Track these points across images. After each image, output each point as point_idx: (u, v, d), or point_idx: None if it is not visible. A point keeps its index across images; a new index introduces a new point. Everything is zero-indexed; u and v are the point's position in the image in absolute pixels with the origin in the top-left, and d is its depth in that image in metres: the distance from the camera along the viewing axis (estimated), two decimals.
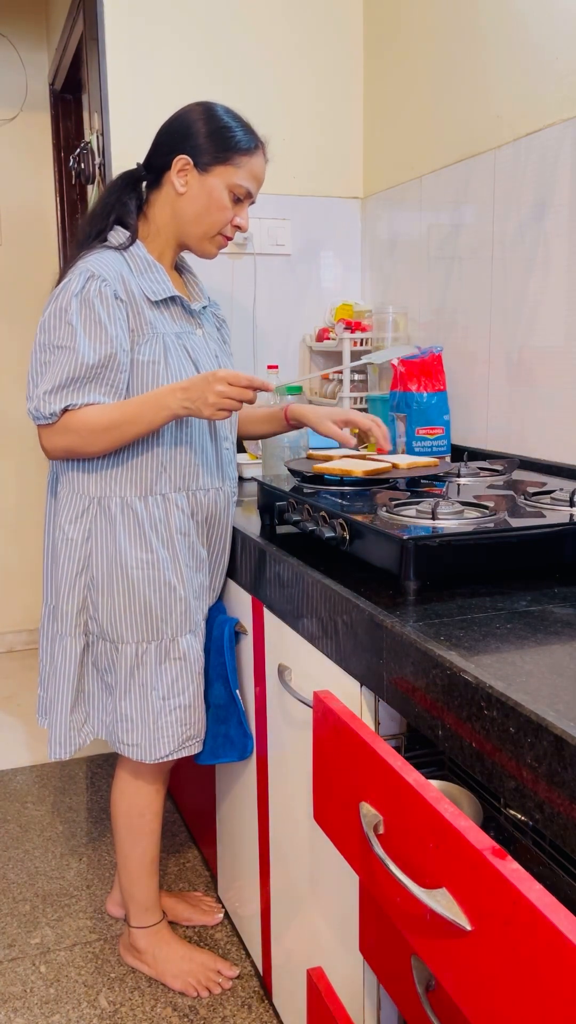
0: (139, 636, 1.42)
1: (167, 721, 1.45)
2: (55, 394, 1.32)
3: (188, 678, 1.46)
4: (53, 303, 1.35)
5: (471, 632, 0.87)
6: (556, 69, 1.51)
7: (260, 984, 1.62)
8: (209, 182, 1.41)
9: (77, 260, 1.38)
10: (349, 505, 1.19)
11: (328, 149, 2.25)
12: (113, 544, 1.40)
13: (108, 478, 1.40)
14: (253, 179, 1.44)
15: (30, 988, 1.62)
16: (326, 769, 0.95)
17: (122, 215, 1.44)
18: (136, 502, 1.40)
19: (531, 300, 1.63)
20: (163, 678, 1.44)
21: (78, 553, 1.41)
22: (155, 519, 1.41)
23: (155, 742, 1.45)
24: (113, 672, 1.44)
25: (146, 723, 1.44)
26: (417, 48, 1.97)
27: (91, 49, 2.18)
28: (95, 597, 1.42)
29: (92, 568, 1.41)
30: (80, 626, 1.44)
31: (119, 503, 1.40)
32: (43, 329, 1.34)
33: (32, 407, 1.34)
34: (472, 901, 0.66)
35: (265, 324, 2.26)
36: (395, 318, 2.07)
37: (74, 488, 1.41)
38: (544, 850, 0.98)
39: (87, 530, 1.41)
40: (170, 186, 1.43)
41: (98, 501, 1.40)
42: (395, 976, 0.95)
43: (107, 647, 1.44)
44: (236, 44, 2.12)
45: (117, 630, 1.42)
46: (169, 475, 1.42)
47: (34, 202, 3.25)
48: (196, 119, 1.41)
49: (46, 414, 1.33)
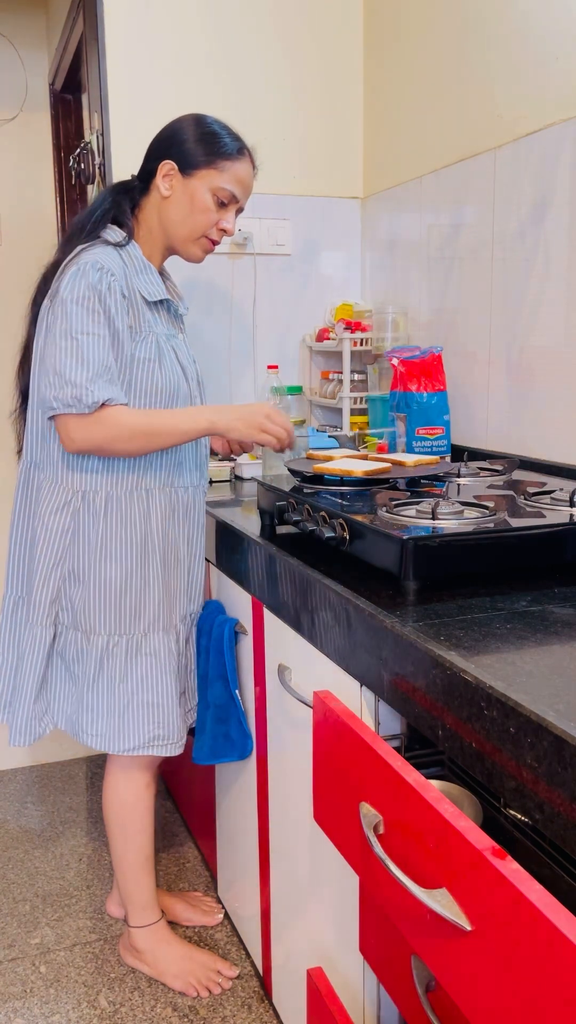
0: (111, 629, 1.44)
1: (134, 715, 1.46)
2: (95, 383, 1.31)
3: (158, 675, 1.47)
4: (70, 290, 1.33)
5: (471, 632, 0.87)
6: (557, 69, 1.51)
7: (260, 984, 1.62)
8: (192, 185, 1.44)
9: (81, 253, 1.37)
10: (349, 505, 1.19)
11: (328, 149, 2.25)
12: (95, 537, 1.41)
13: (95, 472, 1.41)
14: (237, 183, 1.46)
15: (30, 988, 1.62)
16: (326, 769, 0.95)
17: (117, 215, 1.46)
18: (121, 497, 1.42)
19: (531, 300, 1.63)
20: (132, 673, 1.46)
21: (57, 544, 1.43)
22: (139, 514, 1.43)
23: (120, 733, 1.46)
24: (81, 663, 1.46)
25: (112, 713, 1.46)
26: (417, 48, 1.97)
27: (91, 49, 2.18)
28: (71, 588, 1.43)
29: (70, 559, 1.43)
30: (51, 616, 1.46)
31: (104, 497, 1.41)
32: (65, 316, 1.32)
33: (70, 395, 1.30)
34: (472, 901, 0.66)
35: (265, 324, 2.26)
36: (395, 318, 2.07)
37: (58, 480, 1.42)
38: (544, 850, 0.98)
39: (67, 522, 1.42)
40: (156, 191, 1.46)
41: (82, 495, 1.41)
42: (395, 976, 0.95)
43: (77, 637, 1.45)
44: (236, 44, 2.12)
45: (89, 621, 1.43)
46: (154, 471, 1.44)
47: (34, 202, 3.25)
48: (182, 127, 1.46)
49: (87, 403, 1.30)
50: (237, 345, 2.23)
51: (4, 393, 3.19)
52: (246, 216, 2.13)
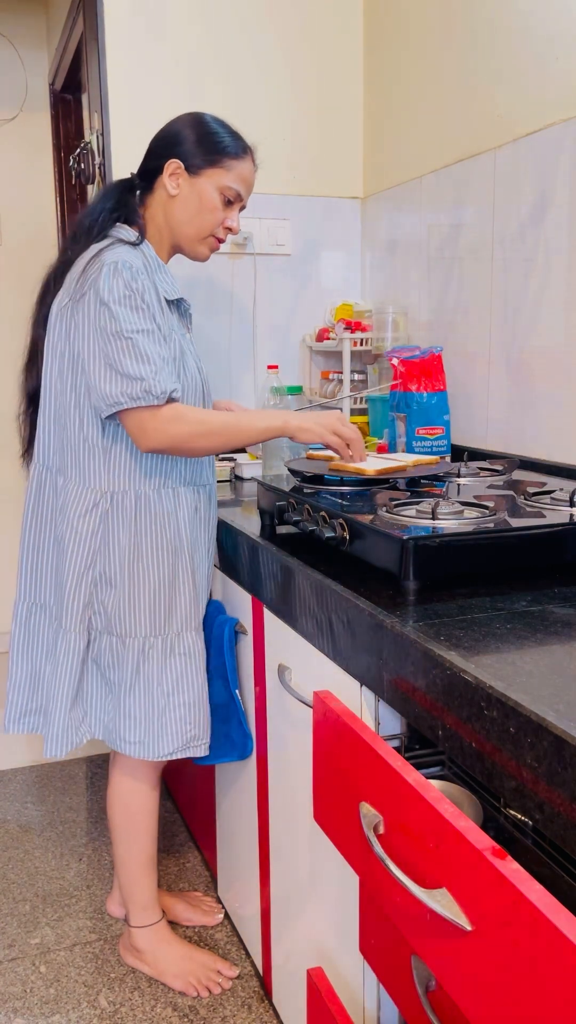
0: (146, 631, 1.42)
1: (170, 718, 1.45)
2: (158, 375, 1.29)
3: (192, 675, 1.46)
4: (109, 291, 1.30)
5: (471, 632, 0.87)
6: (557, 69, 1.51)
7: (260, 984, 1.62)
8: (200, 184, 1.43)
9: (102, 252, 1.35)
10: (349, 505, 1.19)
11: (328, 149, 2.25)
12: (126, 537, 1.40)
13: (124, 472, 1.39)
14: (242, 182, 1.47)
15: (30, 988, 1.62)
16: (326, 769, 0.95)
17: (126, 214, 1.45)
18: (150, 495, 1.41)
19: (531, 300, 1.63)
20: (168, 674, 1.44)
21: (87, 547, 1.41)
22: (167, 512, 1.42)
23: (158, 739, 1.45)
24: (117, 668, 1.44)
25: (150, 719, 1.44)
26: (417, 48, 1.97)
27: (91, 49, 2.18)
28: (103, 591, 1.42)
29: (101, 562, 1.41)
30: (84, 621, 1.44)
31: (134, 496, 1.40)
32: (113, 318, 1.29)
33: (139, 388, 1.28)
34: (472, 901, 0.66)
35: (265, 324, 2.26)
36: (395, 318, 2.07)
37: (85, 483, 1.40)
38: (544, 850, 0.98)
39: (97, 524, 1.40)
40: (162, 190, 1.45)
41: (111, 496, 1.40)
42: (395, 976, 0.95)
43: (112, 642, 1.43)
44: (236, 44, 2.12)
45: (125, 624, 1.42)
46: (180, 469, 1.44)
47: (34, 202, 3.25)
48: (186, 126, 1.45)
49: (157, 393, 1.28)
50: (237, 345, 2.23)
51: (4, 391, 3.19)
52: (246, 216, 2.13)
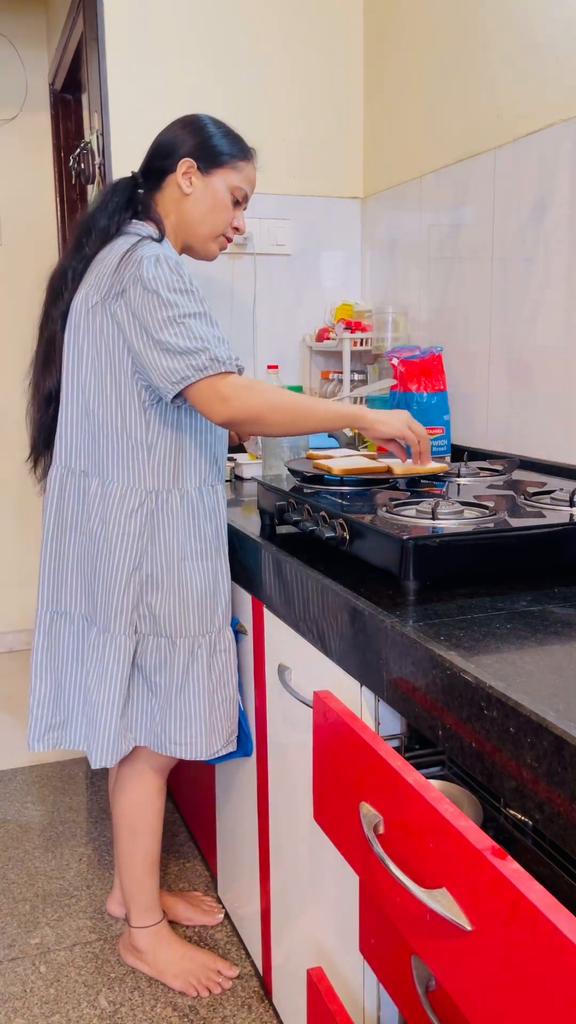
0: (196, 629, 1.42)
1: (218, 716, 1.46)
2: (218, 348, 1.26)
3: (232, 670, 1.48)
4: (155, 280, 1.28)
5: (471, 632, 0.87)
6: (557, 69, 1.51)
7: (260, 984, 1.62)
8: (213, 183, 1.45)
9: (137, 247, 1.32)
10: (349, 505, 1.19)
11: (328, 149, 2.25)
12: (173, 537, 1.40)
13: (168, 470, 1.39)
14: (249, 183, 1.49)
15: (30, 988, 1.62)
16: (326, 769, 0.95)
17: (141, 211, 1.44)
18: (193, 493, 1.41)
19: (531, 300, 1.63)
20: (213, 672, 1.45)
21: (134, 548, 1.39)
22: (208, 509, 1.43)
23: (209, 738, 1.45)
24: (165, 670, 1.43)
25: (201, 719, 1.44)
26: (417, 48, 1.97)
27: (91, 49, 2.18)
28: (150, 593, 1.41)
29: (148, 563, 1.40)
30: (132, 624, 1.42)
31: (180, 494, 1.40)
32: (164, 305, 1.27)
33: (205, 359, 1.25)
34: (472, 901, 0.66)
35: (265, 324, 2.26)
36: (395, 318, 2.07)
37: (129, 482, 1.38)
38: (544, 850, 0.98)
39: (143, 523, 1.39)
40: (174, 188, 1.45)
41: (155, 494, 1.39)
42: (395, 976, 0.95)
43: (161, 644, 1.42)
44: (236, 44, 2.12)
45: (175, 625, 1.41)
46: (219, 466, 1.45)
47: (34, 202, 3.25)
48: (197, 127, 1.45)
49: (223, 359, 1.25)
50: (237, 345, 2.23)
51: (4, 391, 3.19)
52: (246, 216, 2.13)
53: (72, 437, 1.43)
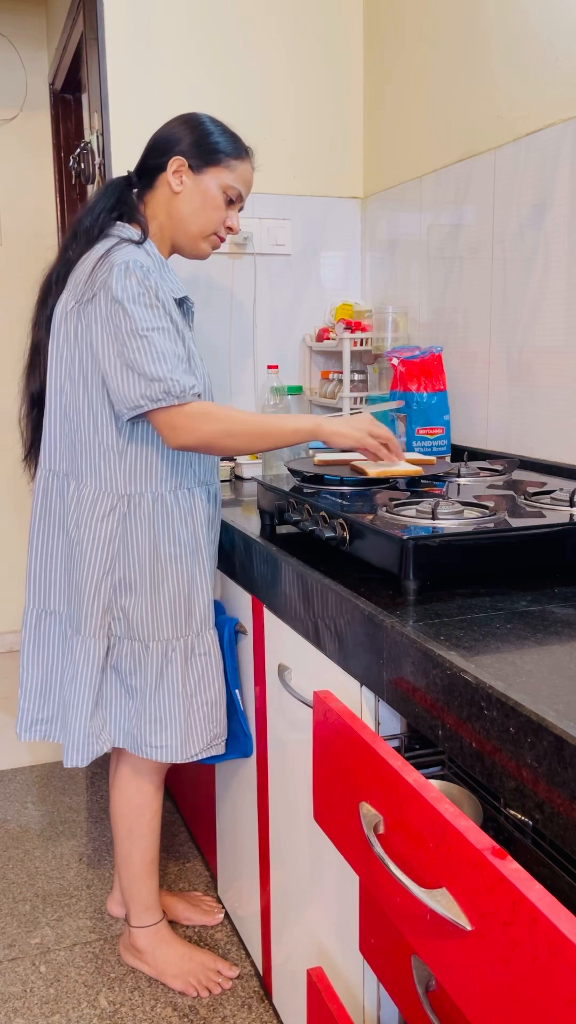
0: (169, 633, 1.42)
1: (196, 719, 1.45)
2: (174, 373, 1.28)
3: (213, 674, 1.47)
4: (123, 290, 1.29)
5: (471, 632, 0.87)
6: (557, 68, 1.51)
7: (260, 984, 1.62)
8: (204, 182, 1.44)
9: (111, 253, 1.33)
10: (349, 505, 1.19)
11: (328, 149, 2.25)
12: (146, 540, 1.39)
13: (141, 474, 1.39)
14: (243, 183, 1.48)
15: (30, 988, 1.62)
16: (326, 769, 0.95)
17: (128, 212, 1.44)
18: (167, 496, 1.40)
19: (531, 300, 1.63)
20: (190, 675, 1.44)
21: (105, 552, 1.40)
22: (184, 513, 1.42)
23: (185, 741, 1.45)
24: (139, 673, 1.43)
25: (176, 722, 1.44)
26: (417, 47, 1.97)
27: (91, 49, 2.18)
28: (123, 596, 1.41)
29: (121, 567, 1.40)
30: (104, 627, 1.42)
31: (151, 498, 1.39)
32: (127, 317, 1.28)
33: (158, 389, 1.27)
34: (472, 901, 0.66)
35: (265, 324, 2.26)
36: (395, 318, 2.07)
37: (101, 487, 1.39)
38: (544, 850, 0.98)
39: (115, 528, 1.39)
40: (165, 187, 1.45)
41: (128, 498, 1.39)
42: (395, 976, 0.95)
43: (134, 647, 1.42)
44: (236, 44, 2.12)
45: (147, 628, 1.41)
46: (194, 470, 1.44)
47: (34, 202, 3.25)
48: (189, 125, 1.45)
49: (176, 393, 1.27)
50: (237, 345, 2.23)
51: (5, 391, 3.19)
52: (246, 216, 2.13)
53: (54, 440, 1.44)
